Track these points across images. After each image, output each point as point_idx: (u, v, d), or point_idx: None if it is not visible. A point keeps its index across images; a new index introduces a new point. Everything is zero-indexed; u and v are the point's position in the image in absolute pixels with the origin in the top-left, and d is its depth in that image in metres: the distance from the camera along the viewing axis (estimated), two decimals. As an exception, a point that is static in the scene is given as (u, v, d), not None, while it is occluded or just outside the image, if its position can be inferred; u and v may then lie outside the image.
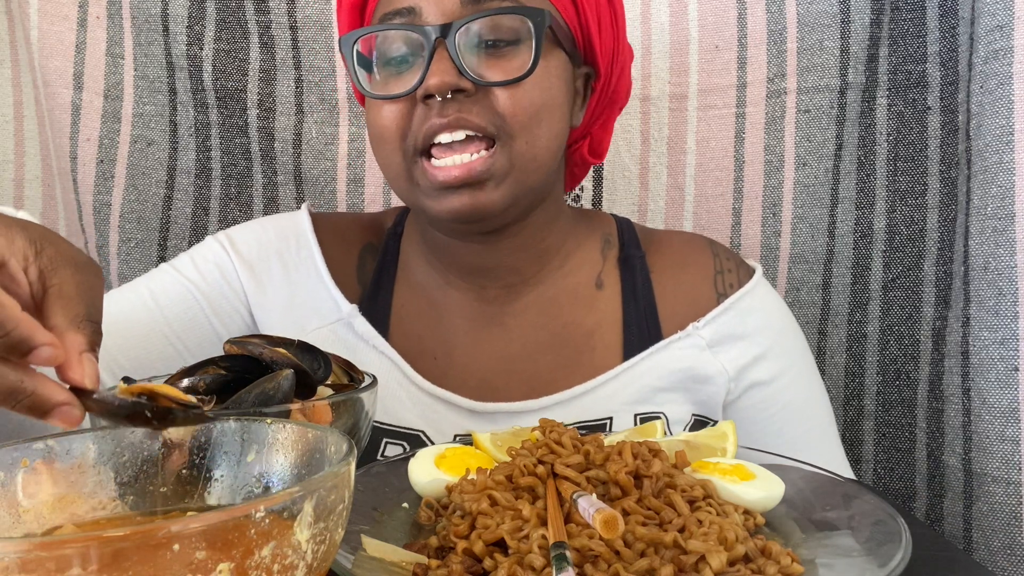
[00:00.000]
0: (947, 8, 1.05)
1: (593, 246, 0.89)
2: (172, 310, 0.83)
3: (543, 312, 0.86)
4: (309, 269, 0.87)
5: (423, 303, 0.87)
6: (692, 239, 0.92)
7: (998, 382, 0.91)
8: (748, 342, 0.85)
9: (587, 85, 0.84)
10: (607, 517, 0.46)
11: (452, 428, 0.82)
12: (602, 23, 0.80)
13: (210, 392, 0.58)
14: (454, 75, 0.70)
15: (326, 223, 0.91)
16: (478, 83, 0.71)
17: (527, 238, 0.84)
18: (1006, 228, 0.90)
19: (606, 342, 0.85)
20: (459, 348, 0.85)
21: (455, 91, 0.71)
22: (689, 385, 0.83)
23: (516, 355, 0.85)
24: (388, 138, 0.76)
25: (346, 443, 0.42)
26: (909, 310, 1.09)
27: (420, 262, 0.88)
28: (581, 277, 0.87)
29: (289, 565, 0.35)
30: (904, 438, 1.10)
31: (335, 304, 0.85)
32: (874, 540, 0.52)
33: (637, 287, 0.87)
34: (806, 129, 1.09)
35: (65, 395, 0.44)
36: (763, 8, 1.08)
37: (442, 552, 0.53)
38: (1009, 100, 0.89)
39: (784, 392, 0.86)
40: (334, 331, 0.84)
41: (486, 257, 0.84)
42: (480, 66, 0.72)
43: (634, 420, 0.81)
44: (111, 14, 1.15)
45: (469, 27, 0.71)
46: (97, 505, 0.46)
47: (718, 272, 0.88)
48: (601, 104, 0.85)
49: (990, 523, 0.92)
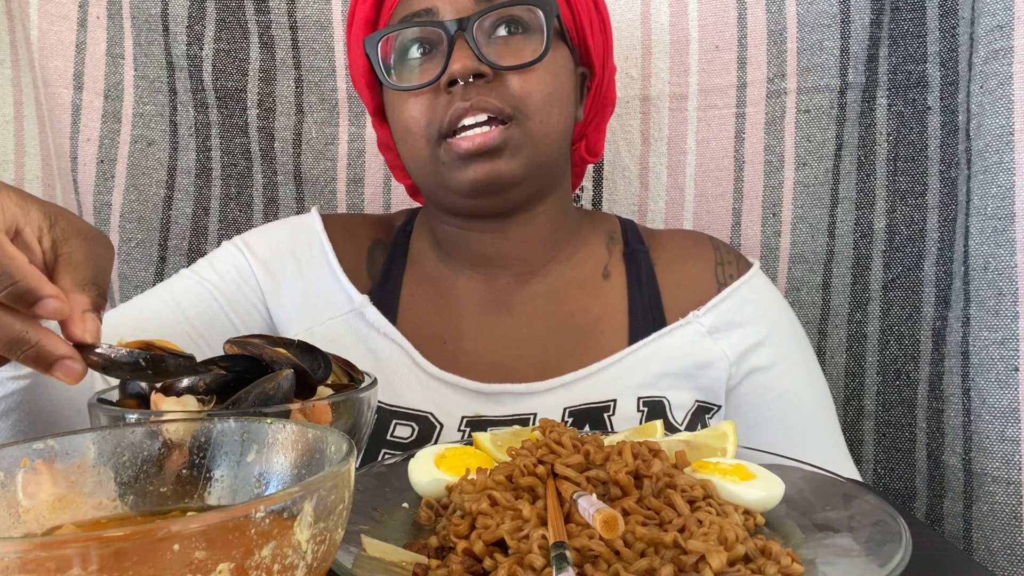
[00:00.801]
0: (947, 8, 1.05)
1: (599, 241, 0.93)
2: (193, 310, 0.87)
3: (551, 300, 0.89)
4: (321, 265, 0.90)
5: (432, 292, 0.90)
6: (693, 235, 0.96)
7: (998, 382, 0.91)
8: (747, 329, 0.88)
9: (583, 85, 0.89)
10: (607, 517, 0.46)
11: (459, 409, 0.84)
12: (593, 28, 0.86)
13: (210, 392, 0.58)
14: (474, 61, 0.77)
15: (336, 222, 0.96)
16: (495, 67, 0.78)
17: (536, 229, 0.88)
18: (1006, 228, 0.90)
19: (613, 327, 0.88)
20: (467, 334, 0.88)
21: (476, 76, 0.77)
22: (692, 371, 0.86)
23: (524, 340, 0.87)
24: (415, 128, 0.81)
25: (346, 443, 0.42)
26: (909, 310, 1.09)
27: (430, 255, 0.92)
28: (588, 268, 0.91)
29: (289, 565, 0.35)
30: (904, 438, 1.10)
31: (347, 296, 0.89)
32: (874, 540, 0.52)
33: (642, 277, 0.90)
34: (806, 129, 1.09)
35: (67, 349, 0.47)
36: (763, 8, 1.08)
37: (442, 552, 0.53)
38: (1009, 100, 0.90)
39: (783, 378, 0.88)
40: (347, 321, 0.88)
41: (497, 247, 0.88)
42: (496, 54, 0.79)
43: (637, 403, 0.83)
44: (111, 14, 1.15)
45: (484, 19, 0.78)
46: (97, 505, 0.46)
47: (719, 264, 0.92)
48: (596, 105, 0.91)
49: (990, 523, 0.92)
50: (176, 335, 0.85)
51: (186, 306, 0.87)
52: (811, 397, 0.90)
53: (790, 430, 0.87)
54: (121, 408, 0.59)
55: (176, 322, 0.86)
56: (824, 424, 0.90)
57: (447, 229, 0.90)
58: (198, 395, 0.58)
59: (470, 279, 0.90)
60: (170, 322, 0.86)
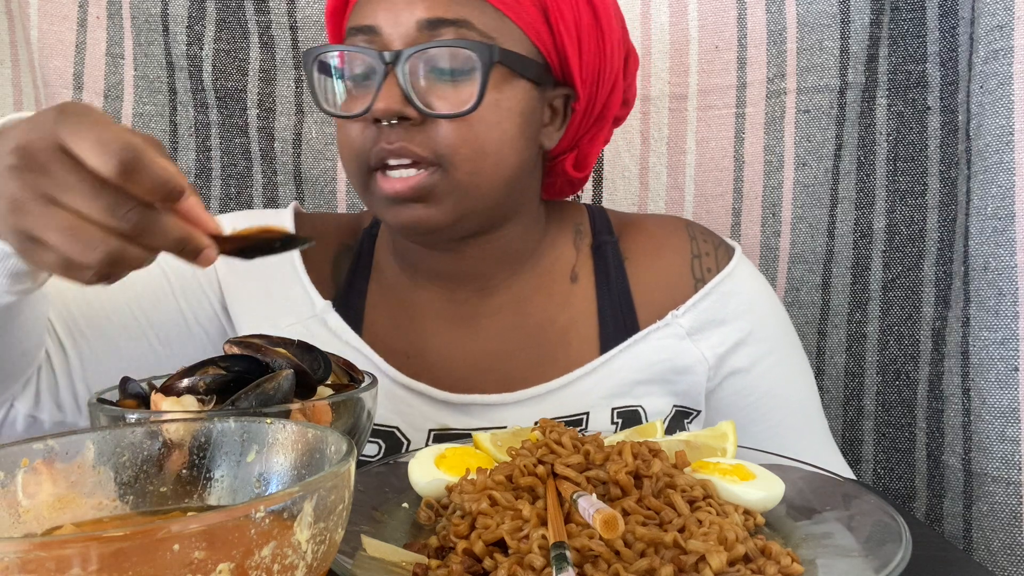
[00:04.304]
0: (947, 8, 1.05)
1: (566, 240, 0.88)
2: (143, 286, 0.83)
3: (516, 311, 0.85)
4: (286, 265, 0.87)
5: (395, 303, 0.87)
6: (667, 222, 0.90)
7: (998, 382, 0.91)
8: (729, 327, 0.84)
9: (567, 105, 0.82)
10: (607, 517, 0.46)
11: (426, 422, 0.81)
12: (584, 46, 0.78)
13: (210, 392, 0.58)
14: (400, 103, 0.71)
15: (308, 222, 0.92)
16: (422, 112, 0.71)
17: (495, 248, 0.83)
18: (1006, 228, 0.90)
19: (582, 336, 0.84)
20: (431, 348, 0.85)
21: (401, 118, 0.71)
22: (669, 376, 0.83)
23: (490, 354, 0.84)
24: (347, 154, 0.77)
25: (346, 443, 0.42)
26: (909, 310, 1.10)
27: (392, 265, 0.89)
28: (555, 273, 0.87)
29: (289, 565, 0.35)
30: (904, 438, 1.10)
31: (310, 300, 0.85)
32: (874, 540, 0.52)
33: (611, 276, 0.86)
34: (806, 129, 1.09)
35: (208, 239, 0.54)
36: (763, 8, 1.08)
37: (442, 552, 0.53)
38: (1009, 100, 0.90)
39: (765, 377, 0.85)
40: (307, 327, 0.84)
41: (453, 265, 0.84)
42: (430, 94, 0.72)
43: (611, 414, 0.81)
44: (111, 14, 1.15)
45: (419, 55, 0.71)
46: (97, 505, 0.46)
47: (695, 256, 0.87)
48: (586, 122, 0.83)
49: (990, 523, 0.92)
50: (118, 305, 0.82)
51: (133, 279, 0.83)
52: (794, 394, 0.87)
53: (773, 428, 0.85)
54: (121, 408, 0.59)
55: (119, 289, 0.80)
56: (807, 421, 0.88)
57: (402, 242, 0.86)
58: (198, 395, 0.58)
59: (430, 292, 0.86)
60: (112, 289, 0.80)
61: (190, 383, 0.58)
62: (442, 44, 0.71)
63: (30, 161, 0.49)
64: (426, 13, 0.71)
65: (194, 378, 0.58)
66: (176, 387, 0.58)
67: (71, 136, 0.48)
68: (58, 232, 0.49)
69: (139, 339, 0.82)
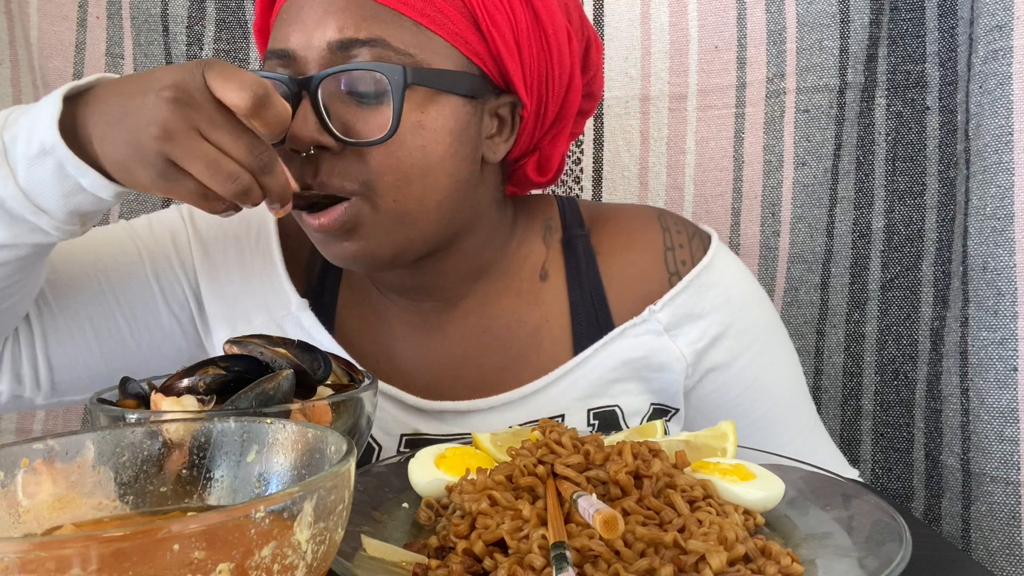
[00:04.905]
0: (946, 8, 1.05)
1: (535, 237, 0.85)
2: (114, 259, 0.81)
3: (485, 314, 0.83)
4: (265, 259, 0.84)
5: (365, 307, 0.85)
6: (639, 213, 0.87)
7: (997, 382, 0.91)
8: (707, 321, 0.81)
9: (515, 112, 0.77)
10: (607, 517, 0.46)
11: (398, 427, 0.80)
12: (523, 51, 0.72)
13: (210, 392, 0.58)
14: (315, 131, 0.67)
15: (289, 218, 0.90)
16: (340, 141, 0.67)
17: (455, 262, 0.80)
18: (1005, 228, 0.90)
19: (554, 336, 0.82)
20: (400, 353, 0.83)
21: (318, 147, 0.67)
22: (645, 374, 0.80)
23: (460, 359, 0.82)
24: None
25: (346, 443, 0.42)
26: (907, 310, 1.10)
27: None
28: (524, 272, 0.84)
29: (289, 565, 0.35)
30: (902, 438, 1.10)
31: (286, 297, 0.83)
32: (874, 540, 0.52)
33: (582, 273, 0.83)
34: (805, 129, 1.09)
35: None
36: (763, 8, 1.08)
37: (442, 552, 0.53)
38: (1008, 100, 0.90)
39: (747, 371, 0.82)
40: (280, 325, 0.82)
41: (413, 280, 0.81)
42: (348, 120, 0.68)
43: (587, 416, 0.80)
44: (111, 14, 1.15)
45: (332, 80, 0.67)
46: (97, 505, 0.46)
47: (668, 248, 0.83)
48: (540, 127, 0.78)
49: (989, 523, 0.92)
50: (87, 279, 0.80)
51: (106, 253, 0.81)
52: (778, 382, 0.85)
53: (757, 422, 0.82)
54: (121, 408, 0.59)
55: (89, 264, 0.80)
56: (793, 407, 0.86)
57: None
58: (198, 395, 0.58)
59: (396, 301, 0.83)
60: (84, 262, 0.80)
61: (190, 383, 0.58)
62: (348, 68, 0.67)
63: (186, 95, 0.57)
64: (337, 34, 0.67)
65: (194, 378, 0.58)
66: (176, 387, 0.58)
67: (216, 78, 0.57)
68: (203, 162, 0.57)
69: (106, 317, 0.80)
